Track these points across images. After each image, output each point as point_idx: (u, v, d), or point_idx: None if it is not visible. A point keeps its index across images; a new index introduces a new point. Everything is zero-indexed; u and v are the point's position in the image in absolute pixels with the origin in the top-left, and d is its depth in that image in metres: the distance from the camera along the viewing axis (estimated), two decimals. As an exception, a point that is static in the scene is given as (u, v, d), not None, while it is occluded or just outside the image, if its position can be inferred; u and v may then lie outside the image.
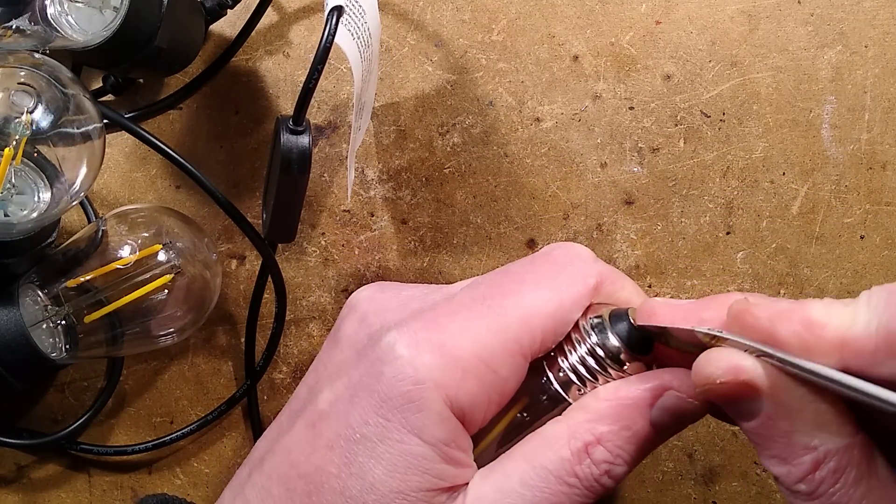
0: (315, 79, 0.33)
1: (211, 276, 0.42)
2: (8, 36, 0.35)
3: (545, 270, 0.31)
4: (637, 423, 0.29)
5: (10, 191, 0.37)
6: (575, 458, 0.29)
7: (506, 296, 0.30)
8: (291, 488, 0.30)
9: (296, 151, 0.35)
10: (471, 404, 0.29)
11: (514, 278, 0.31)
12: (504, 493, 0.29)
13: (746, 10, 0.43)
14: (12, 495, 0.45)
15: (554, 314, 0.30)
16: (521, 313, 0.29)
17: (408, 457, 0.28)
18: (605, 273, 0.31)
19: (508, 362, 0.29)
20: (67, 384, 0.45)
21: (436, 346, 0.29)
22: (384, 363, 0.29)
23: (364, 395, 0.29)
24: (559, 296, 0.30)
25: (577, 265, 0.31)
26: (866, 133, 0.43)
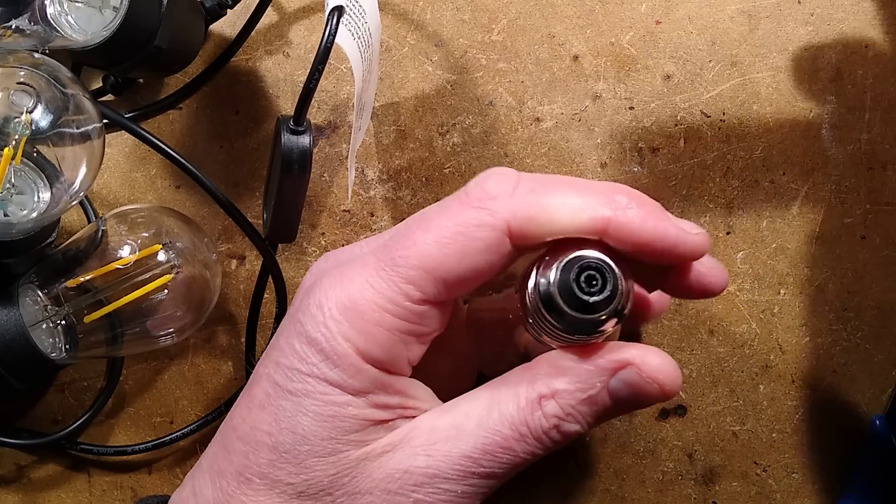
0: (316, 79, 0.33)
1: (211, 276, 0.42)
2: (7, 36, 0.35)
3: (451, 211, 0.29)
4: (594, 388, 0.29)
5: (9, 191, 0.37)
6: (528, 407, 0.29)
7: (406, 242, 0.29)
8: (232, 450, 0.31)
9: (297, 151, 0.35)
10: (385, 351, 0.29)
11: (421, 222, 0.30)
12: (459, 430, 0.30)
13: (746, 10, 0.43)
14: (12, 495, 0.45)
15: (446, 260, 0.29)
16: (414, 261, 0.29)
17: (332, 406, 0.29)
18: (523, 212, 0.29)
19: (413, 311, 0.29)
20: (67, 384, 0.45)
21: (343, 300, 0.29)
22: (302, 323, 0.30)
23: (288, 353, 0.30)
24: (449, 240, 0.29)
25: (487, 205, 0.29)
26: (866, 133, 0.43)
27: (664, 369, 0.29)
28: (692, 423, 0.44)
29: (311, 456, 0.30)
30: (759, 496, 0.43)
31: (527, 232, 0.29)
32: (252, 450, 0.30)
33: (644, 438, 0.44)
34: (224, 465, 0.31)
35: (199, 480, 0.32)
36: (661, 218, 0.29)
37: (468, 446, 0.29)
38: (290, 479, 0.30)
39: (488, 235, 0.29)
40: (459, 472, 0.29)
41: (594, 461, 0.44)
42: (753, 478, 0.43)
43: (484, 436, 0.29)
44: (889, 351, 0.43)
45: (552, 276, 0.28)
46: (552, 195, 0.29)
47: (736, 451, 0.43)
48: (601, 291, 0.28)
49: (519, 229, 0.29)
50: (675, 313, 0.43)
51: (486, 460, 0.29)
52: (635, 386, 0.29)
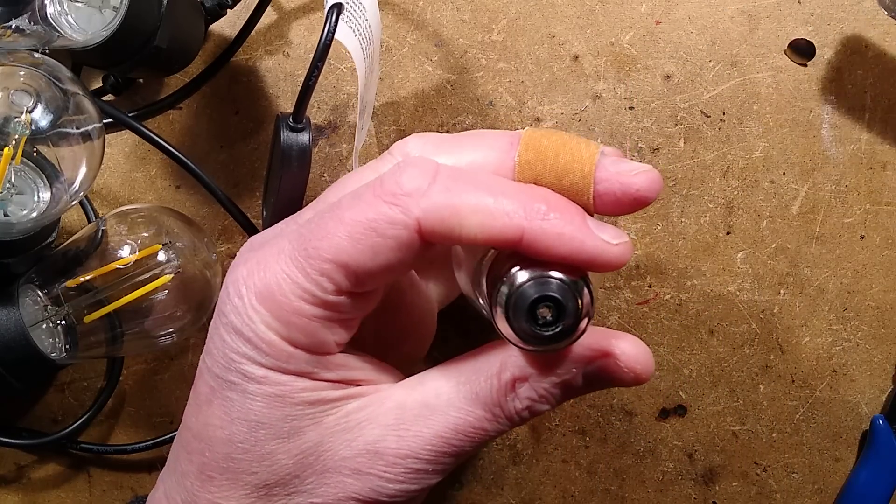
0: (315, 76, 0.33)
1: (211, 276, 0.42)
2: (7, 35, 0.35)
3: (363, 204, 0.28)
4: (569, 374, 0.29)
5: (9, 190, 0.37)
6: (502, 390, 0.29)
7: (319, 232, 0.29)
8: (191, 450, 0.31)
9: (296, 148, 0.35)
10: (308, 337, 0.29)
11: (335, 213, 0.29)
12: (430, 409, 0.30)
13: (747, 10, 0.43)
14: (12, 495, 0.45)
15: (357, 256, 0.28)
16: (326, 254, 0.28)
17: (278, 385, 0.29)
18: (435, 212, 0.27)
19: (329, 301, 0.29)
20: (67, 384, 0.45)
21: (262, 290, 0.29)
22: (225, 313, 0.30)
23: (219, 344, 0.30)
24: (361, 236, 0.28)
25: (398, 200, 0.28)
26: (866, 133, 0.43)
27: (641, 359, 0.29)
28: (692, 423, 0.44)
29: (269, 440, 0.29)
30: (759, 496, 0.43)
31: (438, 234, 0.28)
32: (207, 446, 0.30)
33: (644, 438, 0.44)
34: (186, 466, 0.31)
35: (169, 482, 0.32)
36: (581, 228, 0.28)
37: (440, 426, 0.29)
38: (252, 469, 0.30)
39: (399, 234, 0.28)
40: (431, 451, 0.29)
41: (594, 461, 0.44)
42: (753, 478, 0.43)
43: (456, 416, 0.30)
44: (889, 351, 0.43)
45: (507, 299, 0.27)
46: (467, 197, 0.28)
47: (736, 451, 0.43)
48: (556, 322, 0.27)
49: (430, 231, 0.28)
50: (676, 313, 0.43)
51: (458, 440, 0.30)
52: (611, 373, 0.29)
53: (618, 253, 0.28)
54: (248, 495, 0.30)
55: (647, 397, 0.44)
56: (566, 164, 0.29)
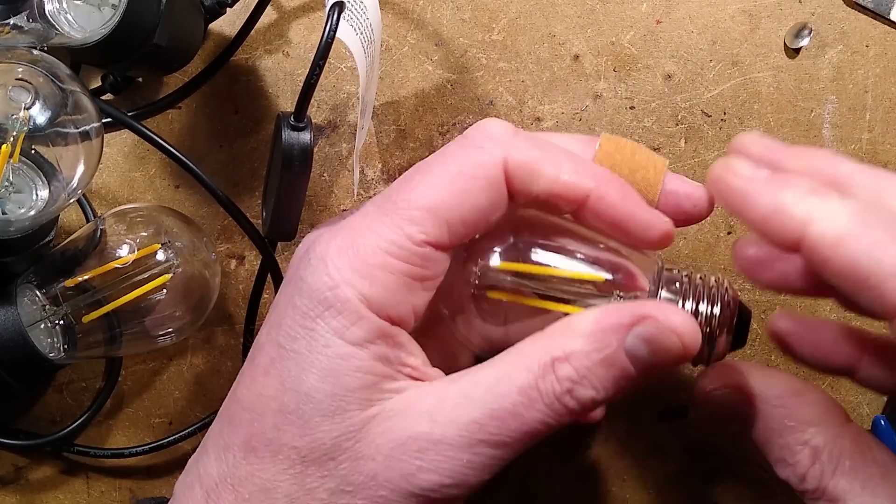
0: (317, 74, 0.33)
1: (210, 276, 0.42)
2: (6, 33, 0.35)
3: (450, 154, 0.30)
4: (610, 347, 0.28)
5: (7, 188, 0.37)
6: (540, 371, 0.28)
7: (407, 187, 0.30)
8: (237, 422, 0.30)
9: (297, 148, 0.35)
10: (390, 295, 0.29)
11: (421, 168, 0.30)
12: (469, 399, 0.28)
13: (747, 10, 0.43)
14: (10, 497, 0.45)
15: (448, 199, 0.29)
16: (416, 202, 0.29)
17: (336, 360, 0.29)
18: (519, 154, 0.30)
19: (416, 252, 0.29)
20: (66, 385, 0.45)
21: (345, 248, 0.29)
22: (303, 279, 0.29)
23: (289, 312, 0.30)
24: (451, 180, 0.29)
25: (485, 145, 0.30)
26: (867, 133, 0.43)
27: (684, 322, 0.28)
28: (694, 425, 0.43)
29: (315, 415, 0.29)
30: (760, 497, 0.43)
31: (521, 176, 0.29)
32: (257, 417, 0.30)
33: (645, 439, 0.43)
34: (229, 438, 0.30)
35: (203, 461, 0.31)
36: (640, 202, 0.30)
37: (476, 412, 0.28)
38: (294, 443, 0.29)
39: (488, 173, 0.29)
40: (465, 438, 0.28)
41: (596, 462, 0.44)
42: (755, 479, 0.43)
43: (492, 401, 0.28)
44: (891, 351, 0.43)
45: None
46: (546, 152, 0.30)
47: (738, 452, 0.43)
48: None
49: (515, 170, 0.29)
50: (676, 313, 0.43)
51: (494, 426, 0.28)
52: (653, 341, 0.28)
53: (667, 228, 0.30)
54: (286, 471, 0.29)
55: (648, 398, 0.43)
56: (641, 161, 0.32)
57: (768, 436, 0.29)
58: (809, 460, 0.28)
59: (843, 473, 0.27)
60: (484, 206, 0.29)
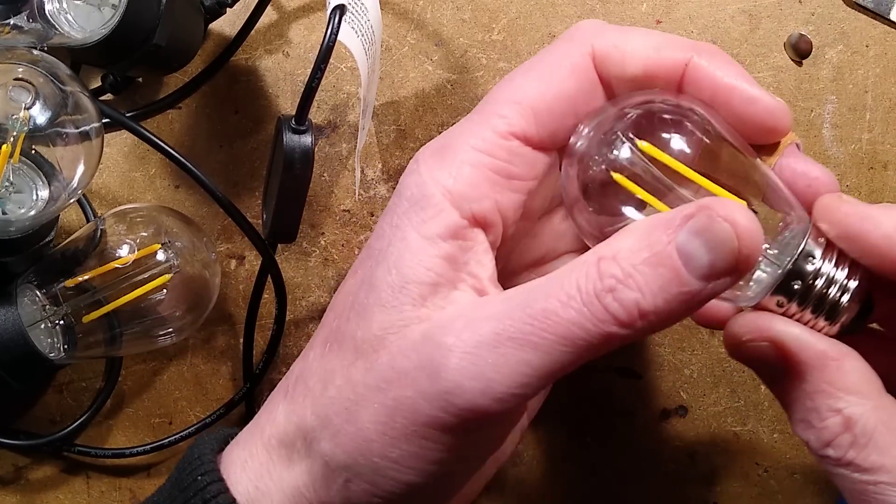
0: (318, 78, 0.33)
1: (210, 276, 0.42)
2: (6, 33, 0.35)
3: (539, 53, 0.31)
4: (661, 244, 0.25)
5: (7, 189, 0.37)
6: (583, 268, 0.26)
7: (498, 88, 0.30)
8: (324, 323, 0.31)
9: (299, 151, 0.35)
10: (473, 192, 0.29)
11: (520, 67, 0.31)
12: (510, 298, 0.27)
13: (747, 10, 0.43)
14: (10, 496, 0.45)
15: (533, 88, 0.29)
16: (502, 96, 0.29)
17: (405, 252, 0.28)
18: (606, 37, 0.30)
19: (501, 145, 0.29)
20: (66, 385, 0.45)
21: (438, 147, 0.29)
22: (400, 182, 0.30)
23: (384, 215, 0.30)
24: (536, 72, 0.30)
25: (573, 36, 0.30)
26: (867, 133, 0.43)
27: (743, 216, 0.25)
28: (693, 424, 0.43)
29: (375, 304, 0.28)
30: (760, 497, 0.43)
31: (612, 58, 0.29)
32: (338, 314, 0.30)
33: (645, 439, 0.43)
34: (315, 339, 0.31)
35: (294, 365, 0.32)
36: (742, 72, 0.29)
37: (509, 310, 0.26)
38: (354, 333, 0.29)
39: (573, 60, 0.29)
40: (493, 336, 0.26)
41: (595, 462, 0.44)
42: (755, 478, 0.43)
43: (527, 299, 0.26)
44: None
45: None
46: (636, 31, 0.30)
47: (737, 451, 0.43)
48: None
49: (604, 53, 0.29)
50: (676, 313, 0.43)
51: (524, 323, 0.25)
52: (705, 232, 0.24)
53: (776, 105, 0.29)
54: (342, 361, 0.29)
55: (648, 398, 0.43)
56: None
57: (797, 395, 0.28)
58: (841, 428, 0.27)
59: (876, 448, 0.26)
60: (571, 92, 0.29)
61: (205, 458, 0.31)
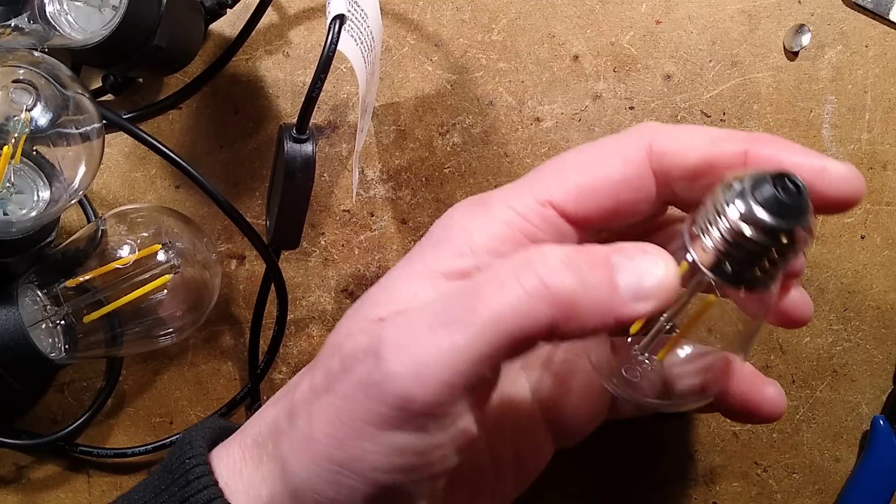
0: (319, 87, 0.33)
1: (210, 276, 0.42)
2: (7, 34, 0.35)
3: (606, 138, 0.31)
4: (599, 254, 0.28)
5: (9, 189, 0.37)
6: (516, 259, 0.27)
7: (555, 159, 0.31)
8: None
9: (300, 159, 0.35)
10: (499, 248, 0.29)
11: (578, 147, 0.31)
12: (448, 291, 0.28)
13: (747, 10, 0.43)
14: (11, 496, 0.45)
15: (579, 165, 0.30)
16: (555, 169, 0.30)
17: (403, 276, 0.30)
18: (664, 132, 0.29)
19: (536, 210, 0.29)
20: (67, 384, 0.45)
21: (477, 201, 0.30)
22: (432, 228, 0.31)
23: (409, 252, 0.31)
24: (587, 153, 0.30)
25: (635, 131, 0.30)
26: (867, 133, 0.43)
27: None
28: (693, 424, 0.43)
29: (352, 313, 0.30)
30: (759, 496, 0.43)
31: (671, 150, 0.29)
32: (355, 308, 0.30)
33: (645, 439, 0.43)
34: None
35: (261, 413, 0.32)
36: (800, 148, 0.28)
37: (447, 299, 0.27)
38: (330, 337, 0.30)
39: (627, 150, 0.29)
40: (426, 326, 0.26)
41: (595, 462, 0.44)
42: (754, 478, 0.43)
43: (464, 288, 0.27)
44: (889, 351, 0.43)
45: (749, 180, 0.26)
46: (692, 127, 0.30)
47: (736, 451, 0.43)
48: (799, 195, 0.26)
49: (662, 148, 0.29)
50: (676, 313, 0.43)
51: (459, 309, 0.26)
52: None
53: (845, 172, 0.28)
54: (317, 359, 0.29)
55: (647, 397, 0.44)
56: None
57: None
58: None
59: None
60: (617, 177, 0.29)
61: (195, 443, 0.31)
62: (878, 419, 0.43)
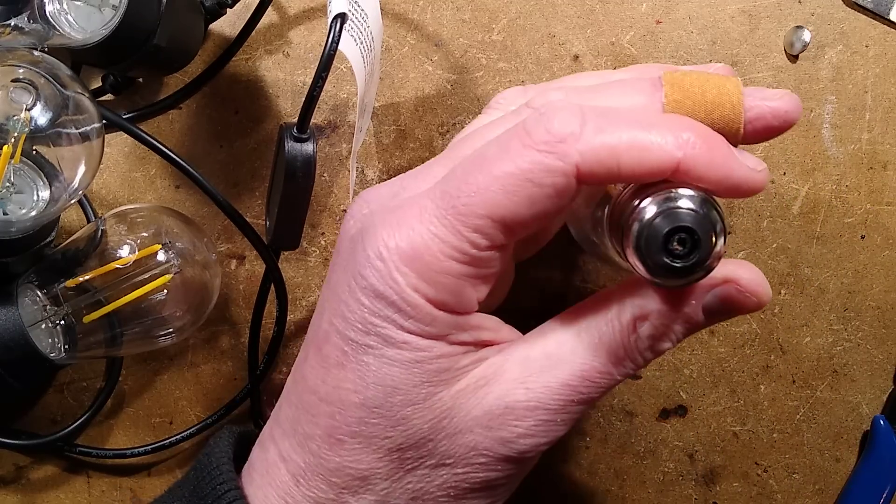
0: (319, 87, 0.33)
1: (210, 277, 0.42)
2: (6, 33, 0.35)
3: (515, 153, 0.28)
4: (689, 306, 0.29)
5: (8, 189, 0.37)
6: (624, 331, 0.29)
7: (468, 187, 0.28)
8: (317, 413, 0.30)
9: (300, 159, 0.35)
10: (454, 297, 0.29)
11: (483, 165, 0.28)
12: (555, 360, 0.30)
13: (747, 10, 0.43)
14: (11, 496, 0.45)
15: (513, 209, 0.28)
16: (479, 210, 0.28)
17: (417, 352, 0.29)
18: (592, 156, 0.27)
19: (478, 257, 0.29)
20: (66, 384, 0.45)
21: (406, 251, 0.28)
22: (364, 276, 0.29)
23: (355, 307, 0.29)
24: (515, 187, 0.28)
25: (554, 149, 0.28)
26: (867, 133, 0.43)
27: (760, 281, 0.29)
28: (693, 424, 0.43)
29: (405, 406, 0.29)
30: (759, 496, 0.43)
31: (596, 176, 0.27)
32: (338, 410, 0.30)
33: (645, 439, 0.43)
34: (310, 429, 0.31)
35: (285, 444, 0.32)
36: (729, 157, 0.28)
37: (567, 375, 0.29)
38: (386, 434, 0.29)
39: (557, 181, 0.27)
40: (559, 401, 0.29)
41: (595, 462, 0.44)
42: (754, 478, 0.43)
43: (581, 363, 0.30)
44: (890, 351, 0.43)
45: (640, 228, 0.27)
46: (621, 135, 0.27)
47: (737, 451, 0.43)
48: (691, 253, 0.27)
49: (588, 174, 0.27)
50: (676, 313, 0.43)
51: (585, 387, 0.29)
52: (732, 301, 0.29)
53: (761, 179, 0.29)
54: (381, 458, 0.30)
55: (647, 398, 0.44)
56: (714, 98, 0.30)
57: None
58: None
59: None
60: (550, 210, 0.28)
61: (223, 467, 0.32)
62: (878, 419, 0.43)
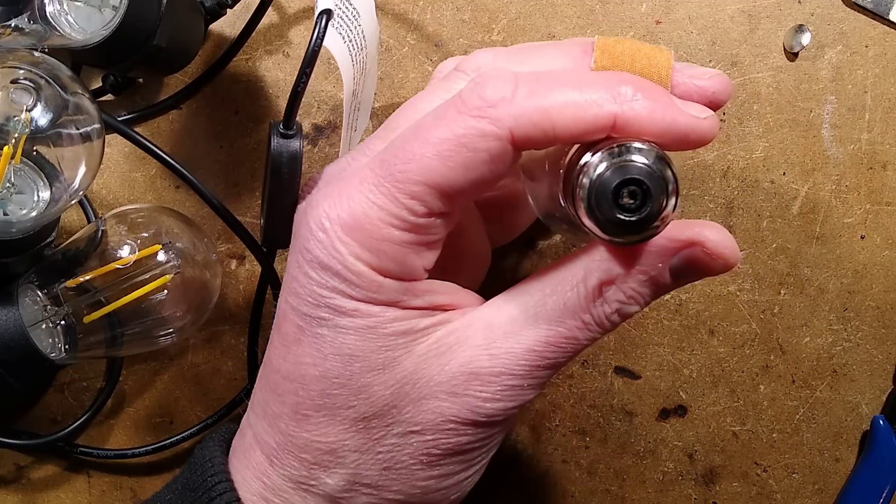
0: (304, 82, 0.32)
1: (210, 277, 0.42)
2: (7, 34, 0.35)
3: (449, 120, 0.28)
4: (655, 269, 0.29)
5: (9, 189, 0.37)
6: (590, 296, 0.29)
7: (404, 155, 0.28)
8: (282, 391, 0.31)
9: (286, 155, 0.35)
10: (398, 265, 0.29)
11: (419, 133, 0.28)
12: (519, 325, 0.29)
13: (747, 10, 0.43)
14: (11, 496, 0.45)
15: (449, 175, 0.28)
16: (415, 177, 0.28)
17: (370, 318, 0.29)
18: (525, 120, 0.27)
19: (418, 223, 0.28)
20: (67, 384, 0.45)
21: (346, 220, 0.29)
22: (309, 249, 0.29)
23: (305, 282, 0.30)
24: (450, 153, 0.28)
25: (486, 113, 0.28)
26: (867, 133, 0.43)
27: (728, 244, 0.28)
28: (692, 424, 0.43)
29: (364, 373, 0.29)
30: (759, 496, 0.43)
31: (531, 139, 0.27)
32: (301, 385, 0.30)
33: (644, 439, 0.43)
34: (277, 408, 0.31)
35: (258, 426, 0.32)
36: (670, 106, 0.27)
37: (531, 340, 0.29)
38: (349, 404, 0.29)
39: (491, 146, 0.27)
40: (525, 366, 0.29)
41: (595, 462, 0.44)
42: (754, 478, 0.43)
43: (547, 328, 0.29)
44: (889, 351, 0.43)
45: (590, 183, 0.27)
46: (554, 96, 0.27)
47: (736, 451, 0.43)
48: (641, 209, 0.26)
49: (523, 137, 0.27)
50: (676, 313, 0.43)
51: (551, 352, 0.29)
52: (699, 263, 0.28)
53: (708, 126, 0.28)
54: (347, 430, 0.30)
55: (647, 398, 0.44)
56: (642, 69, 0.29)
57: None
58: None
59: None
60: (487, 176, 0.28)
61: (215, 459, 0.32)
62: (878, 419, 0.43)
